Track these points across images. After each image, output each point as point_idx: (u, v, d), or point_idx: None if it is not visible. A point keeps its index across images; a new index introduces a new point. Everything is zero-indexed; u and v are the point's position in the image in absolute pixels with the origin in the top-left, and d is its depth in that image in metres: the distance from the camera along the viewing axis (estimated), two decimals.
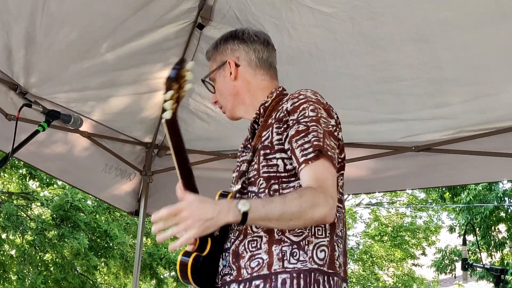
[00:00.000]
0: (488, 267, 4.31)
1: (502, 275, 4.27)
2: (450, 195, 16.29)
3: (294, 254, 2.50)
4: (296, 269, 2.48)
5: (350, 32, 4.57)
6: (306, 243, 2.51)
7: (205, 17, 4.79)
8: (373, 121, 5.09)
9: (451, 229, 18.27)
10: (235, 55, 2.90)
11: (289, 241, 2.52)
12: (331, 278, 2.51)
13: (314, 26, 4.57)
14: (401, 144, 5.26)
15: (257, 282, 2.49)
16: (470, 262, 4.37)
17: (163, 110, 2.38)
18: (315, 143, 2.47)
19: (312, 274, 2.48)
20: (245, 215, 2.29)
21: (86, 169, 5.63)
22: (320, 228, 2.53)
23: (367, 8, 4.43)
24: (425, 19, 4.41)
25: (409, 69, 4.72)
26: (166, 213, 2.29)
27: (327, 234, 2.55)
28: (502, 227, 16.22)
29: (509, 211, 15.85)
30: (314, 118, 2.55)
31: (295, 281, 2.46)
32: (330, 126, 2.59)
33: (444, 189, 16.19)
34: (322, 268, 2.49)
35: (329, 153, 2.48)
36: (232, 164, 5.66)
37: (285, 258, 2.50)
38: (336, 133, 2.62)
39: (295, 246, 2.51)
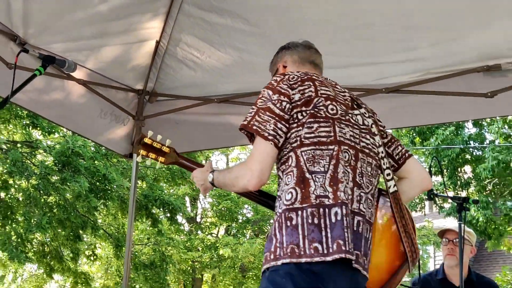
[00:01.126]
0: (452, 196, 4.35)
1: (464, 203, 4.32)
2: (420, 140, 16.37)
3: (279, 205, 2.81)
4: (277, 215, 2.79)
5: None
6: (282, 192, 2.81)
7: None
8: (346, 65, 5.04)
9: (430, 174, 18.28)
10: (283, 60, 3.36)
11: (277, 197, 2.88)
12: (303, 210, 2.69)
13: None
14: (372, 86, 5.23)
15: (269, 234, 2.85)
16: (436, 192, 4.40)
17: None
18: (243, 123, 2.88)
19: (283, 214, 2.74)
20: (212, 182, 3.12)
21: (83, 115, 5.57)
22: (289, 176, 2.80)
23: None
24: None
25: (381, 17, 4.69)
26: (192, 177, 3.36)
27: (294, 177, 2.77)
28: (467, 168, 16.37)
29: (474, 153, 15.97)
30: (255, 103, 2.94)
31: (274, 224, 2.77)
32: (270, 102, 2.87)
33: (414, 134, 16.28)
34: (291, 206, 2.73)
35: (254, 127, 2.83)
36: (217, 109, 5.72)
37: (276, 210, 2.83)
38: (280, 103, 2.86)
39: (279, 199, 2.83)
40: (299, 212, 2.69)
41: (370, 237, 2.88)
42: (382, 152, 3.11)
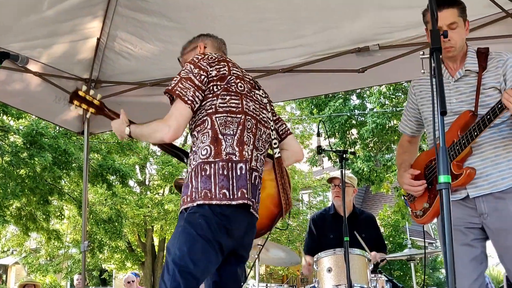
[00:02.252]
0: (335, 149, 4.41)
1: (344, 154, 4.38)
2: (317, 111, 16.52)
3: (194, 158, 2.83)
4: (193, 167, 2.78)
5: None
6: (198, 148, 2.82)
7: None
8: (250, 52, 5.06)
9: (318, 134, 18.54)
10: (204, 42, 3.30)
11: (192, 152, 2.88)
12: (215, 164, 2.75)
13: None
14: (271, 68, 5.28)
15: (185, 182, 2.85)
16: (323, 148, 4.46)
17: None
18: (168, 88, 2.86)
19: (199, 165, 2.77)
20: (129, 135, 3.03)
21: (41, 101, 5.44)
22: (205, 135, 2.82)
23: None
24: None
25: (274, 12, 4.71)
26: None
27: (209, 137, 2.80)
28: (354, 131, 16.62)
29: (358, 119, 16.25)
30: (179, 73, 2.90)
31: (190, 173, 2.79)
32: (191, 74, 2.86)
33: (312, 106, 16.42)
34: (206, 160, 2.77)
35: (177, 91, 2.81)
36: (149, 91, 5.65)
37: (191, 162, 2.84)
38: (199, 76, 2.86)
39: (195, 154, 2.84)
40: (212, 165, 2.74)
41: (260, 189, 2.98)
42: (272, 126, 3.19)
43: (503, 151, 2.86)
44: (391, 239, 21.08)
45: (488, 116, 2.72)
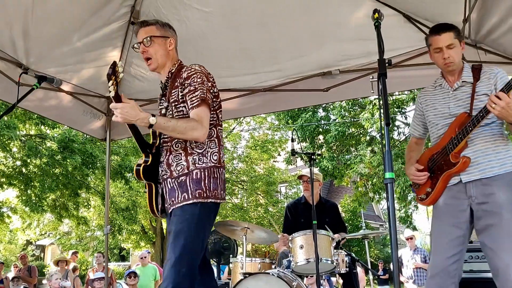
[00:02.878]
0: (305, 151, 4.38)
1: (312, 156, 4.37)
2: (291, 121, 16.54)
3: (201, 159, 2.68)
4: (203, 167, 2.67)
5: (221, 23, 4.51)
6: (206, 152, 2.70)
7: (135, 17, 4.59)
8: (237, 75, 5.06)
9: (293, 140, 18.48)
10: (173, 38, 3.00)
11: (196, 152, 2.70)
12: (220, 169, 2.74)
13: (200, 19, 4.47)
14: (254, 88, 5.28)
15: (183, 177, 2.67)
16: (296, 151, 4.45)
17: (109, 91, 2.64)
18: (201, 95, 2.63)
19: (211, 168, 2.69)
20: (151, 125, 2.51)
21: (72, 114, 5.38)
22: (213, 143, 2.74)
23: (231, 9, 4.39)
24: (265, 12, 4.41)
25: (257, 44, 4.73)
26: (112, 106, 2.57)
27: (217, 145, 2.75)
28: (321, 137, 16.67)
29: (324, 127, 16.29)
30: (200, 82, 2.68)
31: (203, 173, 2.67)
32: (207, 86, 2.69)
33: (287, 117, 16.44)
34: (216, 164, 2.71)
35: (209, 101, 2.66)
36: (158, 106, 5.61)
37: (195, 162, 2.68)
38: (211, 90, 2.73)
39: (200, 155, 2.68)
40: (219, 170, 2.73)
41: None
42: None
43: (491, 145, 2.82)
44: (350, 222, 21.17)
45: (481, 114, 2.72)
